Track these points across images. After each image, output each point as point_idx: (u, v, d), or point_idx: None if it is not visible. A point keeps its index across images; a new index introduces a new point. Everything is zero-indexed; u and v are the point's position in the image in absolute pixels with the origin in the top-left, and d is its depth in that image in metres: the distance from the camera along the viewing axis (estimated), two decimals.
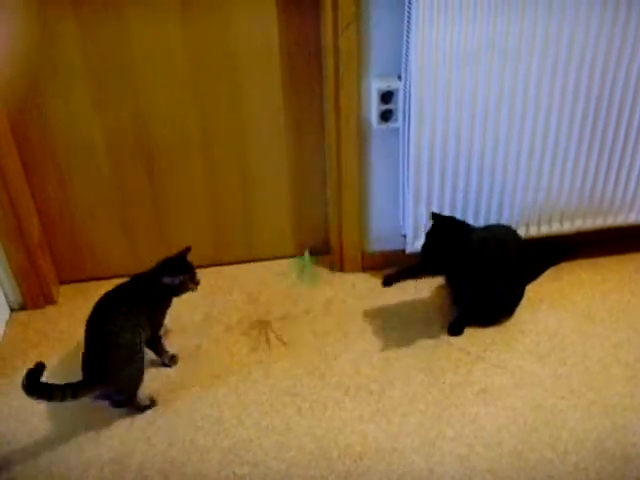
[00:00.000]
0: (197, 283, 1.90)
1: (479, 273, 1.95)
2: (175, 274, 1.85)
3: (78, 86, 2.00)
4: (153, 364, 1.96)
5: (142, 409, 1.84)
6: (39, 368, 1.62)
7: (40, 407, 1.84)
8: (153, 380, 1.91)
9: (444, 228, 1.93)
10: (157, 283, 1.85)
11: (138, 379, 1.81)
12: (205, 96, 2.09)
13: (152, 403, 1.86)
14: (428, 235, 1.95)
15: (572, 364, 1.93)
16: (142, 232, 2.27)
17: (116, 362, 1.74)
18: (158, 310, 1.91)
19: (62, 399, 1.64)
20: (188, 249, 1.90)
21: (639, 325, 2.07)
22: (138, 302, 1.81)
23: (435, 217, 1.95)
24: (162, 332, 1.96)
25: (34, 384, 1.61)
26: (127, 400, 1.82)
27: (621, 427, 1.73)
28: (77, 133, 2.07)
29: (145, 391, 1.85)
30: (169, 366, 1.98)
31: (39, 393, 1.62)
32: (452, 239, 1.91)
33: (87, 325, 1.78)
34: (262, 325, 2.12)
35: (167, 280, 1.84)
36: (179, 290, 1.88)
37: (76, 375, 1.93)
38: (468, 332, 2.06)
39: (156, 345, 1.95)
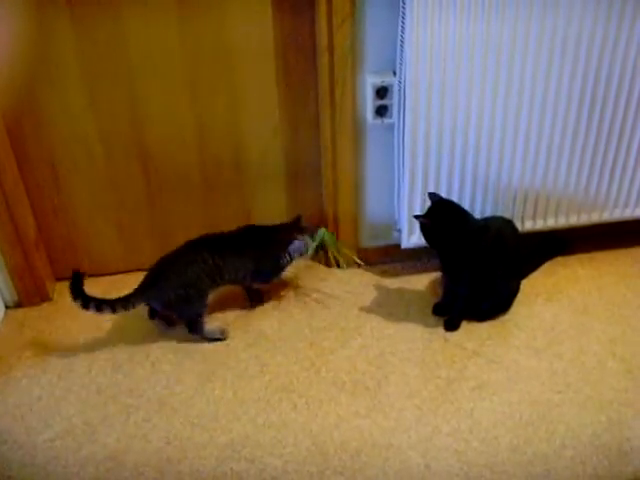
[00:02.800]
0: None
1: (477, 262, 1.95)
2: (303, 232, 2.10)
3: (74, 85, 2.00)
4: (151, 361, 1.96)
5: (210, 339, 2.02)
6: (78, 277, 1.83)
7: (37, 405, 1.84)
8: (150, 376, 1.92)
9: (441, 212, 1.93)
10: (280, 237, 2.08)
11: (191, 309, 1.97)
12: (201, 94, 2.08)
13: (223, 335, 2.04)
14: (427, 215, 1.94)
15: (568, 359, 1.94)
16: (138, 229, 2.27)
17: (170, 283, 1.93)
18: (270, 261, 2.10)
19: (113, 311, 1.88)
20: (300, 217, 2.12)
21: (635, 320, 2.07)
22: (242, 251, 2.02)
23: (433, 199, 1.95)
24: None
25: (80, 292, 1.84)
26: (189, 325, 2.01)
27: (617, 422, 1.73)
28: (73, 132, 2.07)
29: (215, 324, 2.07)
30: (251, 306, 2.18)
31: (87, 303, 1.85)
32: (449, 224, 1.91)
33: (182, 245, 1.99)
34: (258, 321, 2.12)
35: (299, 236, 2.09)
36: (298, 254, 2.11)
37: (74, 371, 1.94)
38: (464, 327, 2.06)
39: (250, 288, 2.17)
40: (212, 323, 2.06)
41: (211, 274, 1.97)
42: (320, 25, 1.94)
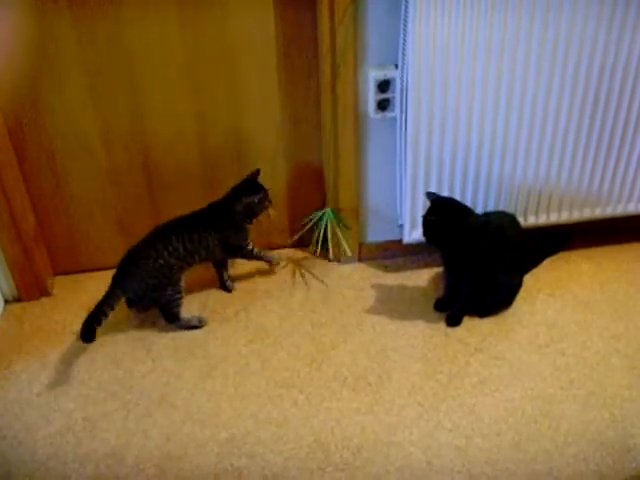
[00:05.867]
0: (271, 202, 2.10)
1: (478, 259, 1.94)
2: (252, 193, 2.05)
3: (74, 81, 1.99)
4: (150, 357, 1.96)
5: (187, 327, 2.05)
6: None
7: (37, 401, 1.83)
8: (151, 372, 1.91)
9: (443, 209, 1.92)
10: (234, 207, 2.05)
11: (164, 296, 1.99)
12: (202, 91, 2.07)
13: (200, 323, 2.06)
14: (428, 214, 1.93)
15: (571, 355, 1.93)
16: (137, 224, 2.25)
17: (140, 272, 1.94)
18: (234, 234, 2.09)
19: (107, 315, 1.88)
20: (258, 171, 2.09)
21: (638, 316, 2.06)
22: (207, 229, 2.02)
23: (433, 197, 1.94)
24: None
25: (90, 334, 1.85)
26: (164, 314, 2.04)
27: (620, 418, 1.72)
28: (73, 128, 2.06)
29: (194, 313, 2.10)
30: (228, 290, 2.21)
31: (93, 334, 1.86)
32: (451, 221, 1.90)
33: (147, 234, 1.99)
34: (259, 316, 2.11)
35: (247, 200, 2.04)
36: (257, 210, 2.08)
37: (74, 367, 1.93)
38: (466, 323, 2.05)
39: (223, 268, 2.20)
40: (191, 312, 2.10)
41: (181, 258, 1.98)
42: (322, 18, 1.93)
